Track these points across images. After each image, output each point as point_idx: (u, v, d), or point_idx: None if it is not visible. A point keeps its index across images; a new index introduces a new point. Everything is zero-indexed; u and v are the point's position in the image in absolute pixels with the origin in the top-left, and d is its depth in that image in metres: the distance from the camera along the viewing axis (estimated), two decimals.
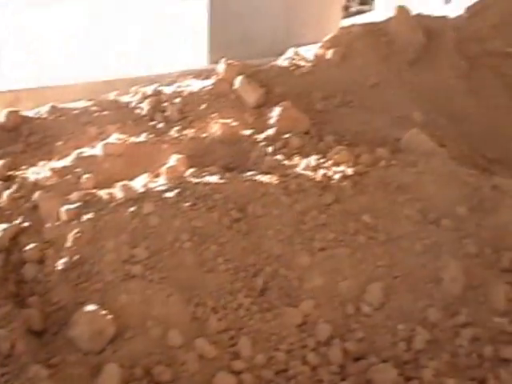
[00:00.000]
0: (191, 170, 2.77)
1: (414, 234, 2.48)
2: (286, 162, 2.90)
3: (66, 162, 2.86)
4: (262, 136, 3.13)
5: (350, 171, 2.79)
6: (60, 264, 2.30)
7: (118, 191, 2.55)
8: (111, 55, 5.54)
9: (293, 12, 4.73)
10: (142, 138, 3.07)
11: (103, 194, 2.55)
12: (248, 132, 3.17)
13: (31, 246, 2.39)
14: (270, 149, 3.01)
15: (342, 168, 2.82)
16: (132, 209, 2.44)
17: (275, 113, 3.25)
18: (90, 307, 2.06)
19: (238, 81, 3.49)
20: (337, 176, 2.75)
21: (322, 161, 2.88)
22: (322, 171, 2.79)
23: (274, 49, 4.18)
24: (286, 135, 3.10)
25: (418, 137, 3.08)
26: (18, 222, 2.52)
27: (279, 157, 2.95)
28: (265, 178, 2.73)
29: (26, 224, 2.51)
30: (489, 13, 4.90)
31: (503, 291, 2.21)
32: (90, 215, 2.43)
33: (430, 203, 2.61)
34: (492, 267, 2.34)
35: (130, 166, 2.85)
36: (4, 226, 2.47)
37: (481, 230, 2.47)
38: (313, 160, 2.87)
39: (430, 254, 2.38)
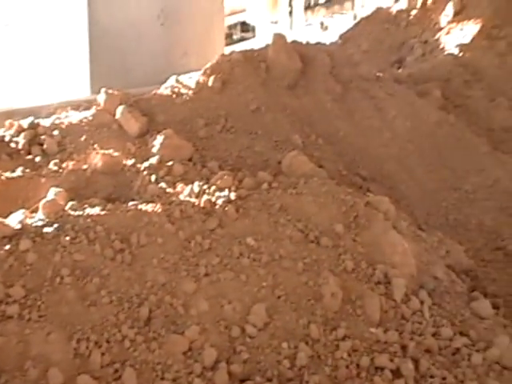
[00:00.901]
0: (71, 203, 2.74)
1: (296, 253, 2.59)
2: (169, 190, 2.94)
3: None
4: (144, 165, 3.15)
5: (232, 196, 2.86)
6: None
7: None
8: None
9: (174, 40, 4.81)
10: (18, 172, 3.01)
11: None
12: (130, 161, 3.19)
13: None
14: (153, 177, 3.04)
15: (225, 193, 2.89)
16: (7, 247, 2.38)
17: (158, 141, 3.29)
18: None
19: (119, 110, 3.50)
20: (220, 201, 2.82)
21: (205, 187, 2.94)
22: (205, 197, 2.85)
23: (156, 77, 4.22)
24: (169, 163, 3.14)
25: (297, 159, 3.23)
26: None
27: (163, 185, 2.98)
28: (148, 207, 2.75)
29: None
30: (360, 39, 5.26)
31: (378, 303, 2.36)
32: None
33: (311, 222, 2.74)
34: (367, 281, 2.49)
35: (6, 203, 2.78)
36: None
37: (357, 246, 2.63)
38: (196, 186, 2.93)
39: (311, 272, 2.50)
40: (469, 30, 5.68)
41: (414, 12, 6.24)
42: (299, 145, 3.47)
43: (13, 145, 3.24)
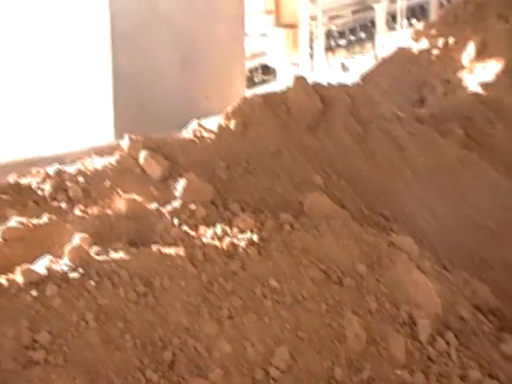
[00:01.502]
0: (95, 248, 2.82)
1: (319, 294, 2.62)
2: (192, 233, 3.01)
3: None
4: (167, 208, 3.23)
5: (255, 238, 2.92)
6: None
7: (18, 276, 2.56)
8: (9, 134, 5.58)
9: (195, 84, 4.96)
10: (44, 219, 3.10)
11: (2, 280, 2.55)
12: (153, 205, 3.27)
13: None
14: (175, 220, 3.11)
15: (247, 235, 2.95)
16: (33, 292, 2.45)
17: (180, 184, 3.37)
18: None
19: (142, 155, 3.61)
20: (242, 243, 2.88)
21: (227, 229, 3.00)
22: (227, 239, 2.92)
23: (178, 121, 4.34)
24: (192, 206, 3.21)
25: (319, 200, 3.29)
26: None
27: (185, 228, 3.05)
28: (171, 250, 2.82)
29: None
30: (381, 79, 5.36)
31: (403, 344, 2.37)
32: None
33: (333, 263, 2.78)
34: (392, 321, 2.51)
35: (32, 249, 2.86)
36: None
37: (380, 286, 2.66)
38: (218, 229, 3.00)
39: (334, 313, 2.53)
40: (491, 68, 5.76)
41: (435, 51, 6.33)
42: (321, 185, 3.53)
43: (39, 192, 3.35)
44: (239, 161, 3.72)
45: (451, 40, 6.32)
